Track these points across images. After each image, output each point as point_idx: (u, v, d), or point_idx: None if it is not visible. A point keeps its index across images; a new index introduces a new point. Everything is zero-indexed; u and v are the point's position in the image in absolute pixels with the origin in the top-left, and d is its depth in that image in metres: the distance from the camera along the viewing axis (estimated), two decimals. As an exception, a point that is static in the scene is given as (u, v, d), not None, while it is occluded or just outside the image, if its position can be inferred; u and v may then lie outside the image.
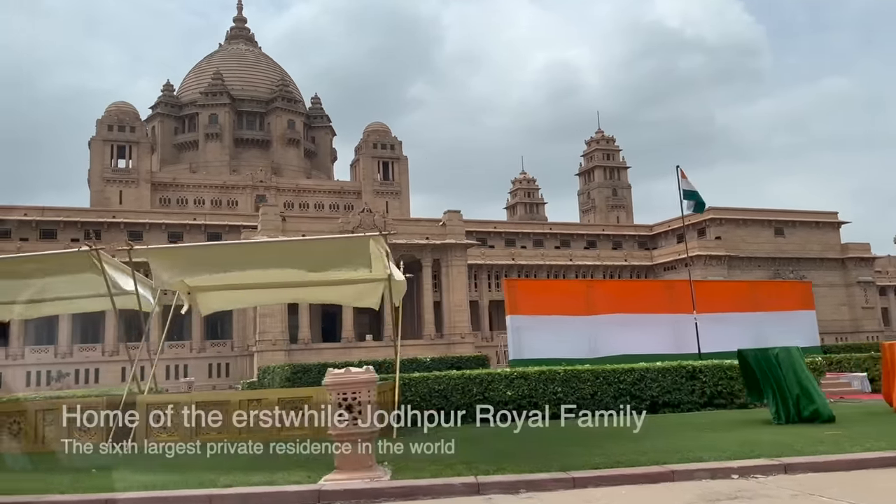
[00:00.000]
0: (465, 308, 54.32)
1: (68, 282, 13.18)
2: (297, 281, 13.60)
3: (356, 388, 7.76)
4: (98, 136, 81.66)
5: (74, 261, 12.58)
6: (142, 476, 8.15)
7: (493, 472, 7.40)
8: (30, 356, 52.95)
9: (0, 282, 13.27)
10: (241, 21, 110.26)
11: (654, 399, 14.10)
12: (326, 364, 23.00)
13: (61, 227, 58.05)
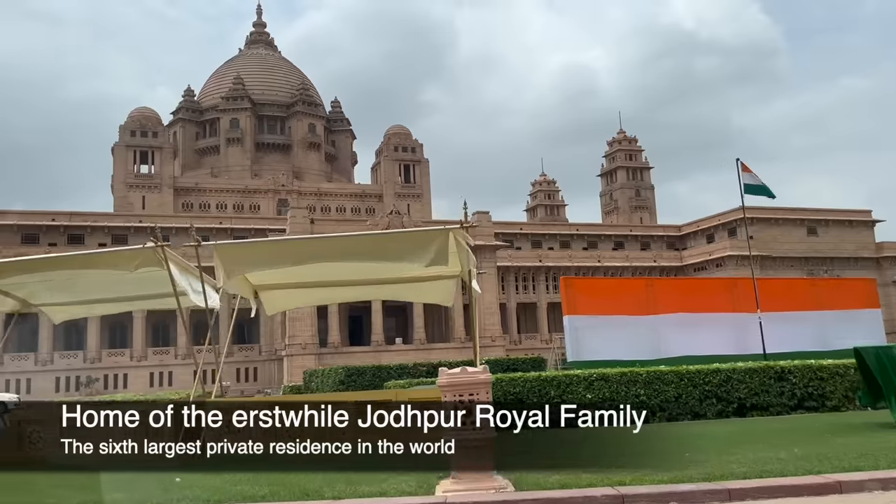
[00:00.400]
0: (495, 311, 53.56)
1: (131, 280, 12.54)
2: (364, 278, 12.92)
3: (475, 388, 7.08)
4: (121, 141, 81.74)
5: (140, 258, 11.93)
6: (241, 487, 7.48)
7: (630, 482, 6.66)
8: (59, 361, 52.77)
9: (60, 281, 12.71)
10: (261, 26, 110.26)
11: (742, 401, 13.32)
12: (381, 367, 22.32)
13: (88, 232, 57.91)
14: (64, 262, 12.76)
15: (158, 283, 13.29)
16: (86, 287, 13.47)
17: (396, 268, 12.14)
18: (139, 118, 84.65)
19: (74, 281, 13.11)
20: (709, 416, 12.93)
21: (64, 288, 13.52)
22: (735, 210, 67.37)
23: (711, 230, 70.29)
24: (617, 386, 13.10)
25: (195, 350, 18.30)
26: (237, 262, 11.99)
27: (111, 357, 54.07)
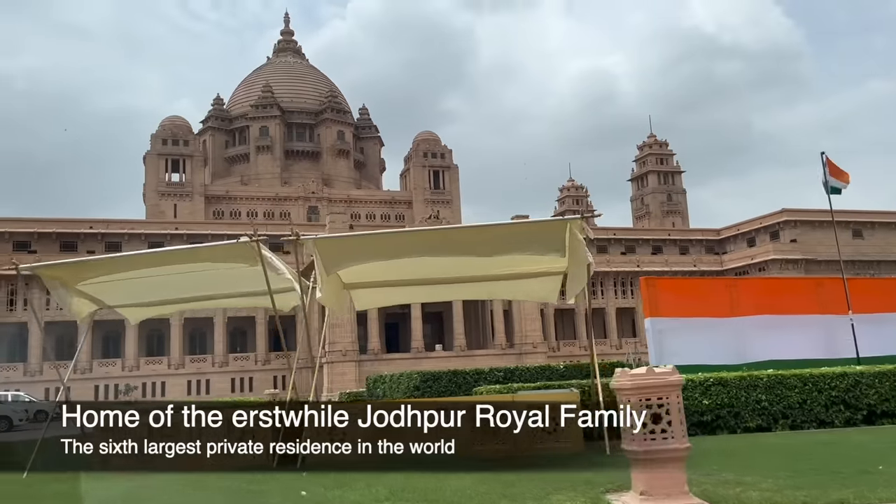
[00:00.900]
0: (536, 316, 52.56)
1: (220, 277, 11.84)
2: (466, 275, 12.12)
3: (664, 391, 6.21)
4: (153, 150, 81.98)
5: (233, 253, 11.23)
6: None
7: (855, 501, 5.73)
8: (98, 370, 52.55)
9: (141, 280, 12.07)
10: (289, 34, 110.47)
11: (872, 408, 12.29)
12: (458, 371, 21.48)
13: (126, 240, 57.82)
14: (158, 259, 12.11)
15: (243, 280, 12.60)
16: (167, 286, 12.81)
17: (504, 262, 11.35)
18: (170, 127, 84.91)
19: (157, 280, 12.48)
20: (836, 423, 11.96)
21: (145, 287, 12.88)
22: (777, 213, 65.95)
23: (752, 234, 68.74)
24: (736, 391, 12.16)
25: (274, 355, 17.49)
26: (337, 257, 11.23)
27: (149, 365, 53.76)
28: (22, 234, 55.92)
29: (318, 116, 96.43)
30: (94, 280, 12.41)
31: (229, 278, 12.19)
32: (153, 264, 11.92)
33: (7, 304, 51.37)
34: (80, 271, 12.39)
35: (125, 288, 12.85)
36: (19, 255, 53.07)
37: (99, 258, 13.55)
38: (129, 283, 12.71)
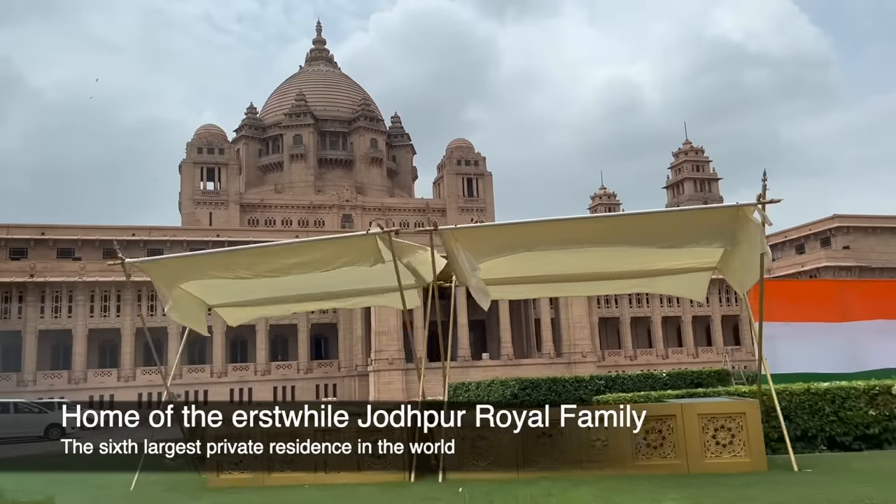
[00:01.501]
0: (585, 325, 51.32)
1: (345, 274, 10.92)
2: (613, 270, 11.09)
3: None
4: (188, 158, 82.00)
5: (361, 247, 10.32)
6: None
7: None
8: (141, 378, 52.13)
9: (261, 278, 11.20)
10: (321, 43, 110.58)
11: None
12: (556, 379, 20.43)
13: (168, 246, 57.58)
14: (274, 254, 11.24)
15: (364, 277, 11.62)
16: (276, 284, 11.91)
17: (661, 256, 10.33)
18: (205, 136, 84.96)
19: (266, 279, 11.60)
20: None
21: (251, 286, 12.01)
22: (828, 219, 64.19)
23: (801, 240, 66.96)
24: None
25: (317, 363, 16.59)
26: (479, 249, 10.28)
27: (192, 373, 53.25)
28: (66, 241, 55.86)
29: (350, 125, 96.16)
30: (200, 278, 11.58)
31: (347, 275, 11.23)
32: (270, 260, 11.02)
33: (53, 310, 51.15)
34: (190, 266, 11.55)
35: (229, 286, 12.00)
36: (62, 262, 53.01)
37: (212, 252, 12.66)
38: (234, 282, 11.84)
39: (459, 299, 50.03)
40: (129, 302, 52.47)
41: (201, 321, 12.11)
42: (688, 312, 63.24)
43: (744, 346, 64.55)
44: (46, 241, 55.40)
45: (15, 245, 54.89)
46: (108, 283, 51.99)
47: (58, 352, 52.66)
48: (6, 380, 49.64)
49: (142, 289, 52.93)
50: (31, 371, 49.98)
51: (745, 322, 64.46)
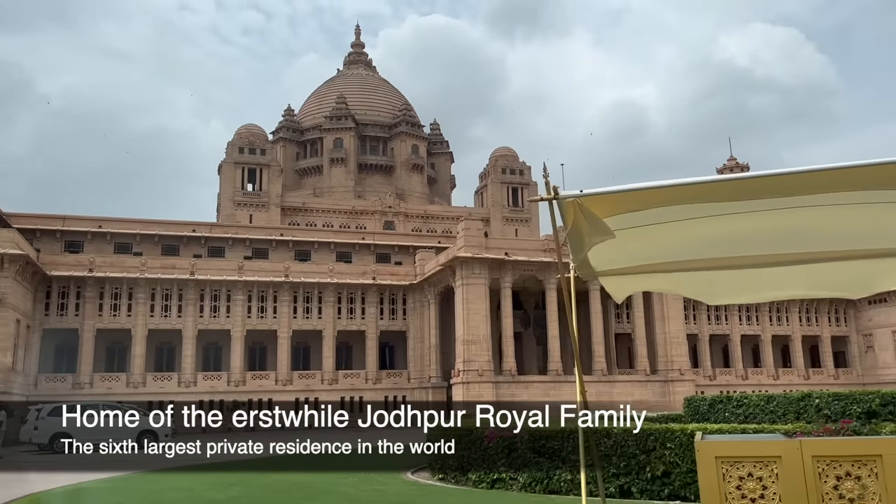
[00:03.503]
0: (682, 340, 48.14)
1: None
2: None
3: None
4: (228, 158, 79.03)
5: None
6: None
7: None
8: (202, 384, 48.72)
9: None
10: (359, 46, 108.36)
11: None
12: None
13: (230, 245, 54.39)
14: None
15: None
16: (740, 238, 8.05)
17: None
18: (247, 136, 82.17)
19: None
20: None
21: (697, 242, 8.37)
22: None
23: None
24: None
25: (385, 373, 13.25)
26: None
27: (255, 380, 49.84)
28: (124, 234, 52.71)
29: (391, 130, 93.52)
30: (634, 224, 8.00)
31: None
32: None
33: (112, 308, 47.73)
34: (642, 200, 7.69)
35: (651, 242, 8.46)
36: (122, 257, 49.78)
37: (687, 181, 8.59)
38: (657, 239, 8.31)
39: (549, 307, 46.89)
40: (192, 302, 49.14)
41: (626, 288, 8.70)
42: (797, 331, 60.26)
43: (852, 368, 61.45)
44: (104, 234, 52.17)
45: (70, 238, 51.64)
46: (170, 280, 48.67)
47: (112, 353, 49.23)
48: (61, 381, 46.17)
49: (205, 288, 49.62)
50: (88, 373, 46.51)
51: (853, 344, 61.46)
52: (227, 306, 49.91)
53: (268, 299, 50.90)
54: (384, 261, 59.03)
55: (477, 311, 44.19)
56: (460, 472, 12.80)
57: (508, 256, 45.35)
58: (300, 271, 51.69)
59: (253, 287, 50.47)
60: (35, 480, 14.34)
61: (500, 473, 11.38)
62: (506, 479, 11.32)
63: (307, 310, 51.76)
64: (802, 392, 16.63)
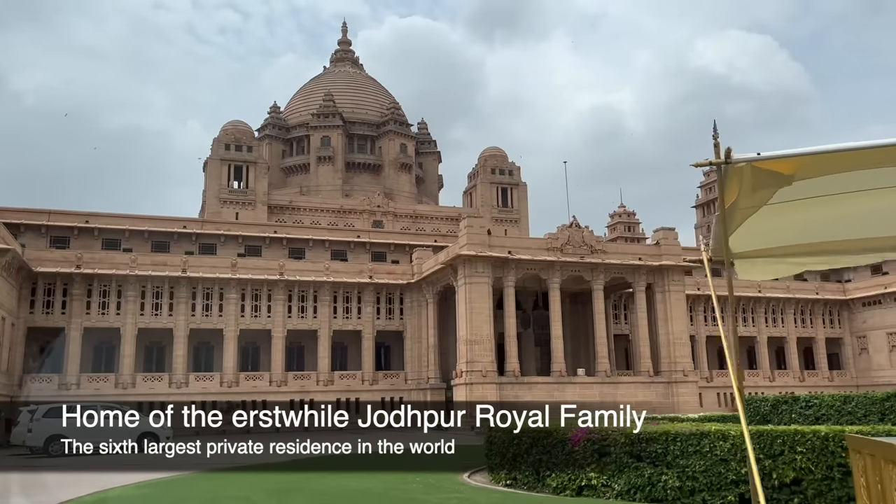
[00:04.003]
0: (685, 341, 47.51)
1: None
2: None
3: None
4: (214, 155, 77.30)
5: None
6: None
7: None
8: (194, 384, 47.16)
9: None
10: (346, 44, 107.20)
11: None
12: None
13: (221, 242, 52.94)
14: None
15: None
16: None
17: None
18: (233, 132, 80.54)
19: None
20: None
21: None
22: (912, 238, 61.36)
23: (879, 262, 64.12)
24: None
25: (382, 374, 12.35)
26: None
27: (249, 381, 48.37)
28: (112, 230, 51.01)
29: (379, 128, 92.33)
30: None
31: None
32: None
33: (100, 306, 46.00)
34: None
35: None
36: (111, 253, 48.11)
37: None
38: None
39: (552, 306, 46.05)
40: (183, 300, 47.55)
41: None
42: (792, 333, 60.21)
43: (846, 370, 61.41)
44: (91, 229, 50.37)
45: (57, 233, 49.78)
46: (161, 277, 47.04)
47: (100, 352, 47.46)
48: (46, 382, 44.34)
49: (197, 286, 48.05)
50: (75, 373, 44.72)
51: (847, 345, 61.46)
52: (219, 305, 48.40)
53: (262, 298, 49.48)
54: (379, 260, 57.83)
55: (480, 310, 43.20)
56: (534, 476, 11.80)
57: (512, 255, 44.43)
58: (295, 269, 50.32)
59: (247, 285, 49.02)
60: (69, 483, 13.12)
61: (588, 479, 10.38)
62: (597, 486, 10.29)
63: (302, 309, 50.42)
64: (887, 392, 15.87)
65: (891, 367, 58.43)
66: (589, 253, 46.05)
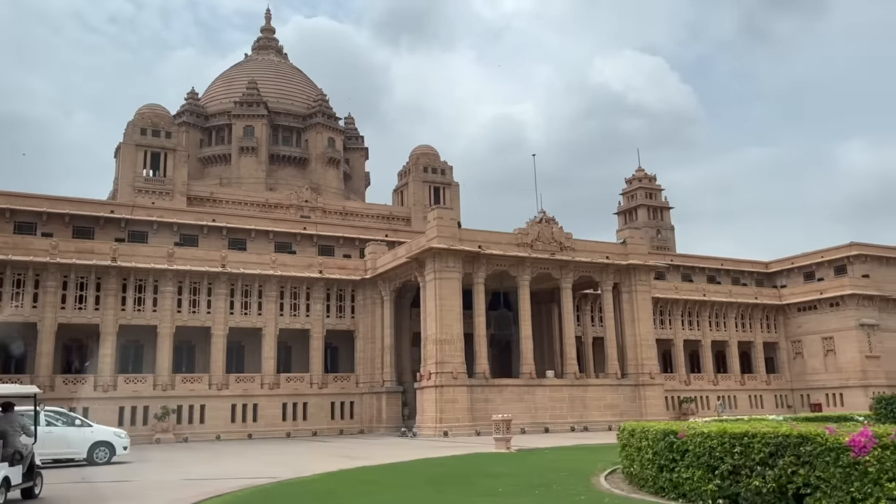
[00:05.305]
0: (652, 343, 46.44)
1: None
2: None
3: None
4: (129, 140, 71.14)
5: None
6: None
7: None
8: (124, 387, 41.87)
9: None
10: (270, 31, 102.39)
11: None
12: None
13: (154, 230, 47.59)
14: None
15: None
16: None
17: None
18: (150, 116, 74.62)
19: None
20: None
21: None
22: (845, 246, 63.57)
23: (811, 267, 66.11)
24: None
25: (332, 377, 10.14)
26: None
27: (186, 384, 43.46)
28: (27, 213, 44.87)
29: (306, 121, 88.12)
30: None
31: None
32: None
33: (13, 297, 40.00)
34: None
35: None
36: (26, 238, 42.20)
37: None
38: None
39: (521, 305, 43.85)
40: (112, 292, 42.20)
41: None
42: (733, 337, 60.73)
43: (782, 374, 62.45)
44: (1, 211, 44.00)
45: (-41, 214, 43.18)
46: (87, 266, 41.56)
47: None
48: (-54, 384, 37.98)
49: (128, 277, 42.81)
50: (-19, 375, 38.63)
51: (782, 350, 62.57)
52: (153, 299, 43.33)
53: (201, 292, 44.73)
54: (327, 254, 53.98)
55: (451, 307, 40.42)
56: (726, 498, 9.35)
57: (483, 250, 41.98)
58: (238, 261, 45.87)
59: (184, 277, 44.17)
60: None
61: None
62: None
63: (245, 305, 46.02)
64: None
65: (825, 371, 59.95)
66: (559, 250, 44.29)
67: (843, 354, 58.46)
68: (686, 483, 10.06)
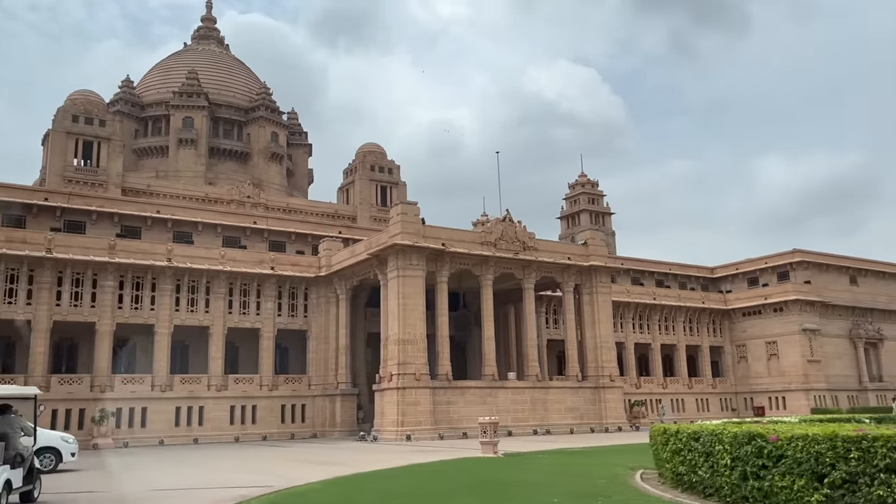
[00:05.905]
0: (611, 345, 46.10)
1: None
2: None
3: None
4: (59, 127, 67.09)
5: None
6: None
7: None
8: (58, 388, 38.69)
9: None
10: (211, 21, 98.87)
11: None
12: None
13: (93, 220, 44.37)
14: None
15: None
16: None
17: None
18: (82, 102, 70.63)
19: None
20: None
21: None
22: (788, 253, 65.05)
23: (755, 273, 67.44)
24: None
25: (283, 378, 9.20)
26: None
27: (126, 385, 40.57)
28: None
29: (248, 114, 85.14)
30: None
31: None
32: None
33: (7, 293, 36.39)
34: None
35: None
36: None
37: None
38: None
39: (485, 305, 42.80)
40: (46, 286, 39.00)
41: None
42: (682, 341, 61.26)
43: (726, 378, 63.26)
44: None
45: None
46: (19, 257, 38.30)
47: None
48: None
49: (64, 270, 39.69)
50: None
51: (727, 354, 63.42)
52: (92, 294, 40.30)
53: (144, 287, 41.92)
54: (279, 250, 51.67)
55: (415, 306, 38.98)
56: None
57: (446, 247, 40.73)
58: (185, 255, 43.24)
59: (126, 271, 41.30)
60: None
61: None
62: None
63: (192, 301, 43.39)
64: None
65: (768, 375, 61.12)
66: (522, 249, 43.45)
67: (786, 359, 59.69)
68: (782, 492, 9.03)
